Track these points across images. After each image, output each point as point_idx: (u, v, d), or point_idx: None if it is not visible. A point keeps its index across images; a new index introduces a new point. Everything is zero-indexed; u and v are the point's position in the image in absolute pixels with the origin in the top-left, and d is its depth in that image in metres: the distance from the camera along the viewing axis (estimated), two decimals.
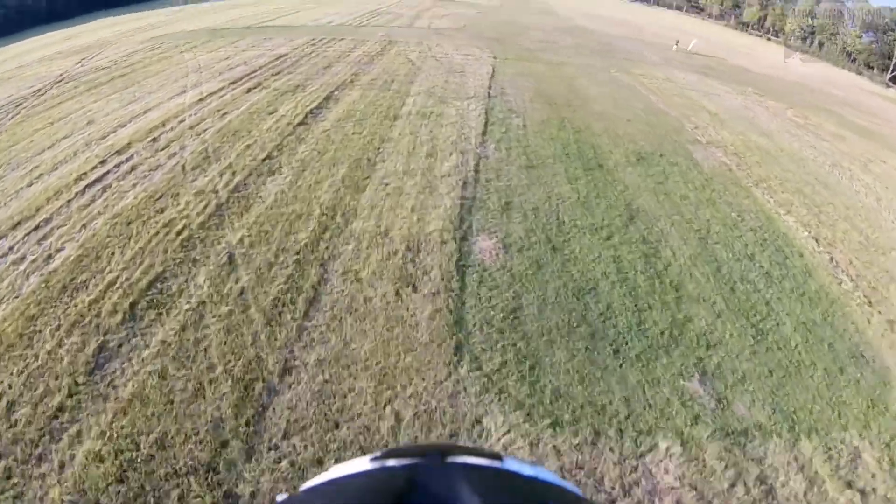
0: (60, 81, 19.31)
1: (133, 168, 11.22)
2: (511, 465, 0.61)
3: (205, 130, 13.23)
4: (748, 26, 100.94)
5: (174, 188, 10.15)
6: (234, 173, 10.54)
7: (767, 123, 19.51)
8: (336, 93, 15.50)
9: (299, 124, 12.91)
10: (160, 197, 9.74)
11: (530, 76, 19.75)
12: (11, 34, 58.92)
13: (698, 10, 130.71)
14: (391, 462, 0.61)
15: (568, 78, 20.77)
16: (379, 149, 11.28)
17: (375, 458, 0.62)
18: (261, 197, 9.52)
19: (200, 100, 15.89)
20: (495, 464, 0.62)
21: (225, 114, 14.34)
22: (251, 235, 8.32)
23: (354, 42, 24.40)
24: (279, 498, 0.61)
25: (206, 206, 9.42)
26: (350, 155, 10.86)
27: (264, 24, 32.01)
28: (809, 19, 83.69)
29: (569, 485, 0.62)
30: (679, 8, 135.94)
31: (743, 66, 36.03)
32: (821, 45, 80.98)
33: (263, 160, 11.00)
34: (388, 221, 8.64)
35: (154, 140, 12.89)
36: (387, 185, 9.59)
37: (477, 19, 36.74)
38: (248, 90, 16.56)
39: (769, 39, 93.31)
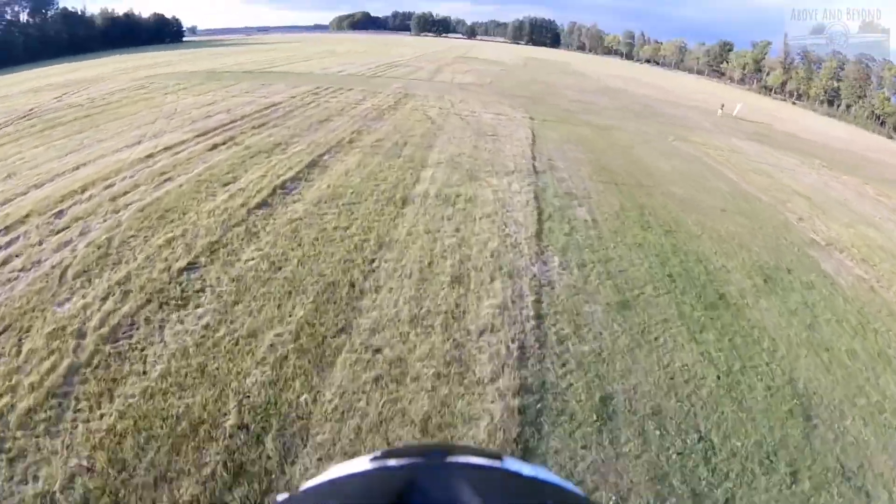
0: (25, 117, 16.79)
1: (2, 263, 6.96)
2: (511, 464, 0.61)
3: (127, 206, 8.99)
4: (771, 90, 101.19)
5: (25, 318, 5.72)
6: (123, 299, 6.06)
7: (861, 207, 15.60)
8: (326, 157, 11.35)
9: (259, 206, 8.58)
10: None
11: (579, 143, 15.68)
12: (29, 62, 57.77)
13: (719, 74, 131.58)
14: (391, 462, 0.61)
15: (623, 146, 16.70)
16: (373, 262, 6.80)
17: (375, 458, 0.62)
18: (144, 365, 4.98)
19: (149, 156, 11.97)
20: (495, 464, 0.61)
21: (166, 180, 10.18)
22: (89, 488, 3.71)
23: (364, 93, 20.78)
24: (279, 498, 0.59)
25: (48, 373, 4.88)
26: (322, 274, 6.38)
27: (270, 69, 28.94)
28: (835, 82, 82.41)
29: (569, 485, 0.62)
30: (700, 72, 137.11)
31: (791, 132, 32.52)
32: (848, 107, 78.94)
33: (180, 272, 6.56)
34: None
35: (58, 214, 8.75)
36: (375, 353, 5.03)
37: (502, 76, 33.67)
38: (214, 146, 12.56)
39: (794, 103, 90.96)
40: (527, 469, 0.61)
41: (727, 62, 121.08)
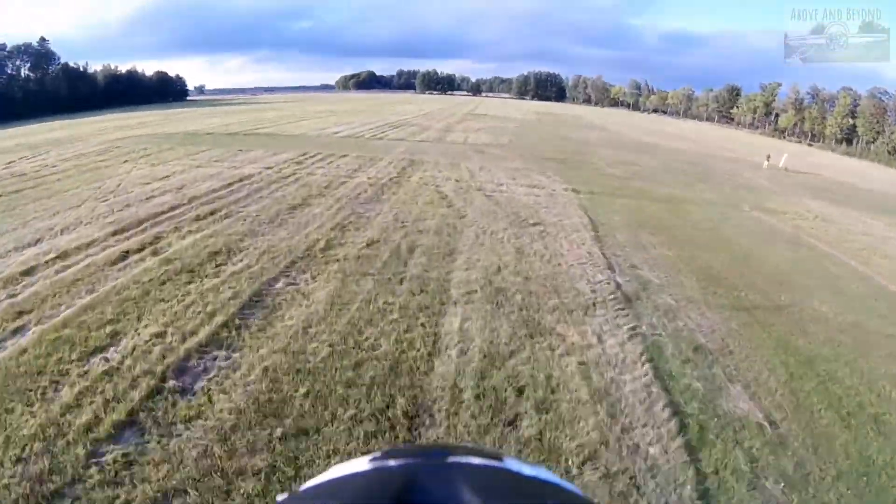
0: None
1: None
2: (511, 464, 0.60)
3: None
4: (783, 132, 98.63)
5: None
6: None
7: None
8: (281, 284, 6.87)
9: (112, 436, 4.03)
10: None
11: (654, 228, 11.22)
12: (27, 118, 55.67)
13: (728, 119, 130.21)
14: (391, 462, 0.60)
15: (707, 227, 12.26)
16: None
17: (375, 459, 0.61)
18: None
19: (28, 270, 8.51)
20: (495, 464, 0.61)
21: (15, 330, 5.91)
22: None
23: (360, 160, 16.77)
24: (279, 498, 0.58)
25: None
26: None
27: (257, 130, 25.32)
28: (849, 119, 79.78)
29: (569, 485, 0.61)
30: (710, 119, 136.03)
31: (844, 182, 28.40)
32: (868, 143, 75.97)
33: None
34: None
35: None
36: None
37: (520, 134, 30.06)
38: (124, 255, 8.32)
39: (809, 144, 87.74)
40: (527, 469, 0.60)
41: (737, 107, 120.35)
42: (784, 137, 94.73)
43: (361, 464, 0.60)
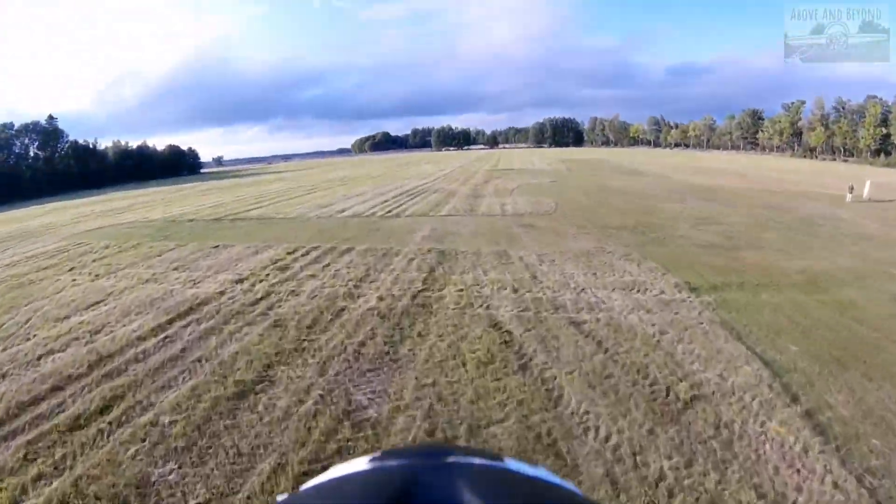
0: None
1: None
2: (511, 465, 0.60)
3: None
4: (813, 151, 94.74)
5: None
6: None
7: None
8: None
9: None
10: None
11: (867, 364, 6.05)
12: (34, 198, 53.59)
13: (754, 144, 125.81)
14: (391, 462, 0.60)
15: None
16: None
17: (375, 459, 0.61)
18: None
19: None
20: (496, 464, 0.61)
21: None
22: None
23: (368, 260, 12.04)
24: (279, 498, 0.58)
25: None
26: None
27: (249, 212, 21.14)
28: (882, 128, 74.19)
29: (569, 485, 0.61)
30: (735, 147, 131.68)
31: None
32: None
33: None
34: None
35: None
36: None
37: (560, 191, 25.39)
38: None
39: (845, 160, 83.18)
40: (527, 469, 0.59)
41: (762, 131, 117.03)
42: (815, 157, 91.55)
43: (361, 464, 0.60)
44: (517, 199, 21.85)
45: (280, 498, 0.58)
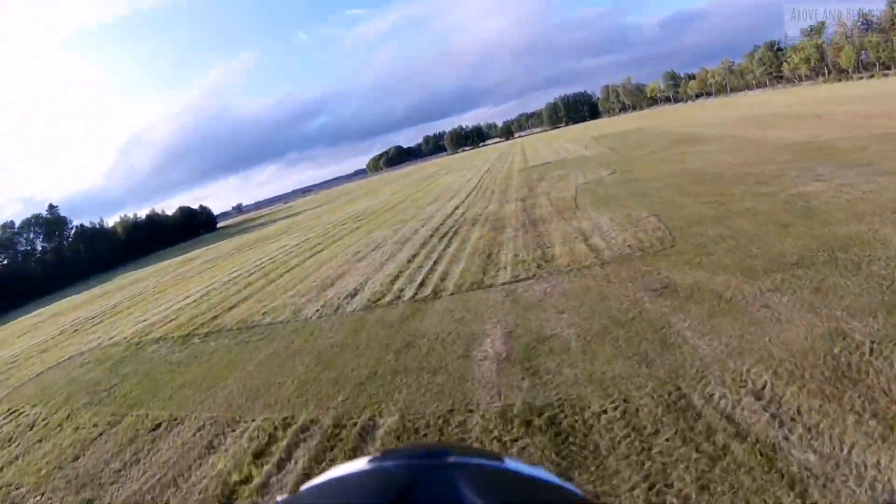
0: None
1: None
2: (511, 465, 0.60)
3: None
4: (847, 73, 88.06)
5: None
6: None
7: None
8: None
9: None
10: None
11: None
12: (44, 294, 50.29)
13: (779, 78, 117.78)
14: (391, 462, 0.60)
15: None
16: None
17: (375, 459, 0.61)
18: None
19: None
20: (495, 464, 0.60)
21: None
22: None
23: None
24: (279, 498, 0.58)
25: None
26: None
27: (228, 311, 15.02)
28: None
29: (569, 485, 0.60)
30: (761, 85, 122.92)
31: None
32: None
33: None
34: None
35: None
36: None
37: (644, 193, 18.36)
38: None
39: (885, 75, 76.11)
40: (527, 469, 0.59)
41: (786, 62, 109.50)
42: (851, 77, 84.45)
43: (361, 464, 0.60)
44: (597, 219, 15.01)
45: (280, 498, 0.57)
